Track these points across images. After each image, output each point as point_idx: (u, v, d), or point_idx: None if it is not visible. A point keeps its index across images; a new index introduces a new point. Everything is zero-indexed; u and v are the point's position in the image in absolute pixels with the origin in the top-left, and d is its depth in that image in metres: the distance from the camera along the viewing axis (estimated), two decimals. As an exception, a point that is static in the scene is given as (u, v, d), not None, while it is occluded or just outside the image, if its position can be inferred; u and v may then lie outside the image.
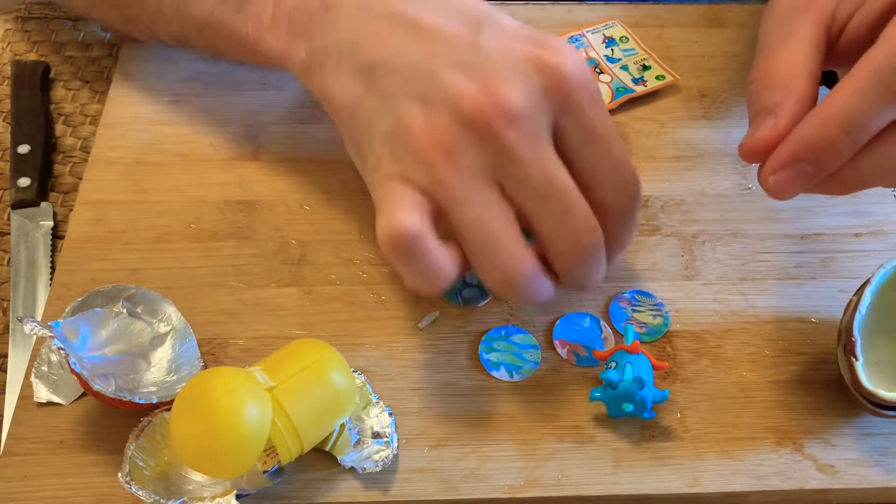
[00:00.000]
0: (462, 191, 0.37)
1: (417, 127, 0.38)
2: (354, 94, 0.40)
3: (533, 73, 0.37)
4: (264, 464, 0.38)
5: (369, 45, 0.40)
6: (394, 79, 0.39)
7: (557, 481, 0.40)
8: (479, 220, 0.37)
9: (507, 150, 0.37)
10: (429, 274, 0.37)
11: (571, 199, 0.38)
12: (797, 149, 0.37)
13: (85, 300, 0.42)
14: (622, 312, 0.46)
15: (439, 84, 0.38)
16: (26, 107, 0.55)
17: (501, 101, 0.37)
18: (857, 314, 0.41)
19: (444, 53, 0.39)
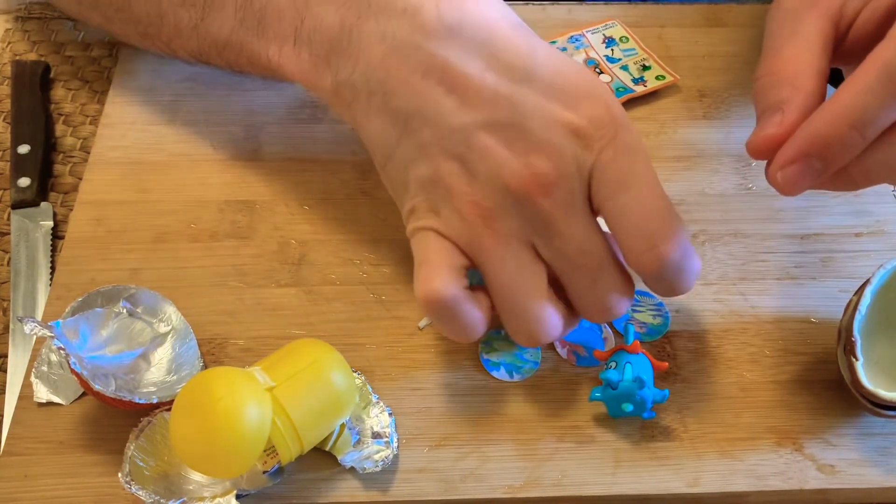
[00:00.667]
0: (497, 253, 0.38)
1: (457, 187, 0.39)
2: (389, 138, 0.40)
3: (567, 138, 0.38)
4: (264, 464, 0.38)
5: (400, 90, 0.39)
6: (429, 131, 0.39)
7: (557, 481, 0.40)
8: (511, 282, 0.39)
9: (543, 218, 0.38)
10: (463, 330, 0.39)
11: (602, 268, 0.39)
12: (806, 144, 0.37)
13: (85, 300, 0.42)
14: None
15: (477, 148, 0.38)
16: (26, 107, 0.55)
17: (538, 173, 0.37)
18: (858, 314, 0.41)
19: (479, 111, 0.38)
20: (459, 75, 0.38)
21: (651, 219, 0.38)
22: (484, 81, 0.38)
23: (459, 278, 0.39)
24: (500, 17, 0.40)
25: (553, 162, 0.38)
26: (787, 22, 0.41)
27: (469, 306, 0.38)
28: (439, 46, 0.39)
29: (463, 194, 0.38)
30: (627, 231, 0.38)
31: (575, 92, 0.38)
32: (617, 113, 0.38)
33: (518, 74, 0.39)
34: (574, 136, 0.38)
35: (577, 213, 0.38)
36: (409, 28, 0.39)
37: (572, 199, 0.38)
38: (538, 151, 0.38)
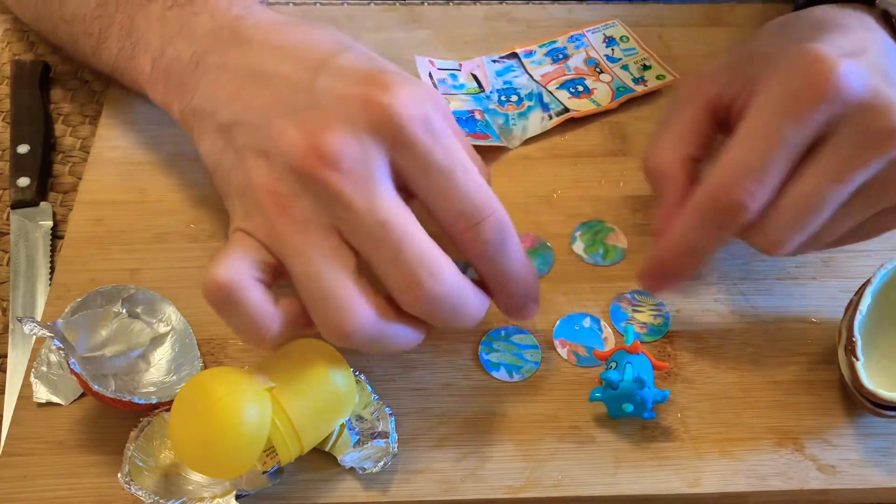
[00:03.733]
0: (295, 242, 0.37)
1: (258, 180, 0.38)
2: (215, 153, 0.41)
3: (359, 112, 0.37)
4: (264, 464, 0.38)
5: (224, 103, 0.41)
6: (244, 134, 0.39)
7: (557, 481, 0.40)
8: (310, 271, 0.37)
9: (334, 195, 0.36)
10: (247, 327, 0.37)
11: (405, 238, 0.37)
12: (656, 264, 0.43)
13: (85, 300, 0.42)
14: (622, 312, 0.46)
15: (274, 135, 0.38)
16: (26, 107, 0.55)
17: (320, 145, 0.36)
18: (858, 314, 0.41)
19: (282, 102, 0.39)
20: (270, 74, 0.40)
21: (471, 200, 0.38)
22: (291, 75, 0.39)
23: (249, 268, 0.37)
24: (323, 36, 0.41)
25: (339, 134, 0.37)
26: (672, 111, 0.46)
27: (256, 295, 0.36)
28: (259, 61, 0.41)
29: (261, 184, 0.38)
30: (446, 214, 0.38)
31: (378, 75, 0.38)
32: (420, 95, 0.38)
33: (322, 67, 0.39)
34: (367, 110, 0.37)
35: (372, 186, 0.37)
36: (240, 54, 0.42)
37: (364, 171, 0.37)
38: (326, 127, 0.37)
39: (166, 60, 0.45)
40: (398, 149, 0.37)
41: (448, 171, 0.37)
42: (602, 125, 0.55)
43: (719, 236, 0.41)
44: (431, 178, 0.37)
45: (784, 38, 0.43)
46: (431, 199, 0.38)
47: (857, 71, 0.39)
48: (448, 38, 0.60)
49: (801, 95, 0.39)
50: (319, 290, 0.37)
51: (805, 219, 0.40)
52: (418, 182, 0.38)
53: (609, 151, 0.54)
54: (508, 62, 0.58)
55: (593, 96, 0.56)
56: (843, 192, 0.39)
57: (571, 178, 0.52)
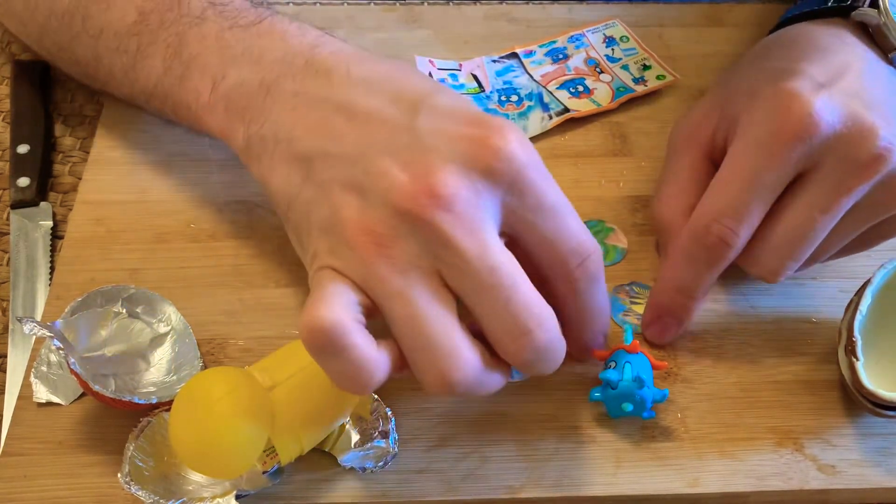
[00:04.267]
0: (395, 284, 0.35)
1: (351, 218, 0.36)
2: (292, 185, 0.39)
3: (472, 155, 0.36)
4: (264, 464, 0.38)
5: (305, 133, 0.39)
6: (330, 168, 0.37)
7: (557, 481, 0.40)
8: (413, 315, 0.35)
9: (442, 237, 0.35)
10: (351, 373, 0.34)
11: (515, 286, 0.35)
12: (654, 309, 0.44)
13: (85, 300, 0.42)
14: (620, 304, 0.46)
15: (373, 172, 0.36)
16: (26, 107, 0.55)
17: (433, 186, 0.35)
18: (858, 314, 0.41)
19: (380, 140, 0.37)
20: (363, 111, 0.38)
21: (575, 238, 0.38)
22: (387, 113, 0.38)
23: (349, 310, 0.34)
24: (408, 72, 0.41)
25: (453, 176, 0.35)
26: (670, 161, 0.47)
27: (360, 340, 0.34)
28: (346, 94, 0.39)
29: (355, 222, 0.36)
30: (558, 252, 0.37)
31: (482, 117, 0.37)
32: (526, 140, 0.37)
33: (423, 105, 0.38)
34: (482, 153, 0.36)
35: (480, 230, 0.35)
36: (321, 85, 0.40)
37: (473, 214, 0.35)
38: (438, 167, 0.35)
39: (228, 84, 0.42)
40: (513, 192, 0.36)
41: (561, 210, 0.37)
42: (602, 125, 0.55)
43: (706, 273, 0.42)
44: (546, 219, 0.37)
45: (762, 69, 0.45)
46: (543, 239, 0.37)
47: (831, 104, 0.40)
48: (448, 38, 0.60)
49: (777, 136, 0.40)
50: (424, 336, 0.35)
51: (797, 248, 0.41)
52: (531, 223, 0.37)
53: (609, 151, 0.54)
54: (508, 62, 0.58)
55: (593, 96, 0.56)
56: (832, 220, 0.41)
57: (571, 178, 0.52)
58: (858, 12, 0.45)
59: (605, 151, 0.54)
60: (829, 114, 0.40)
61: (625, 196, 0.51)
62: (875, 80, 0.43)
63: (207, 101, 0.43)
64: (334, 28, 0.60)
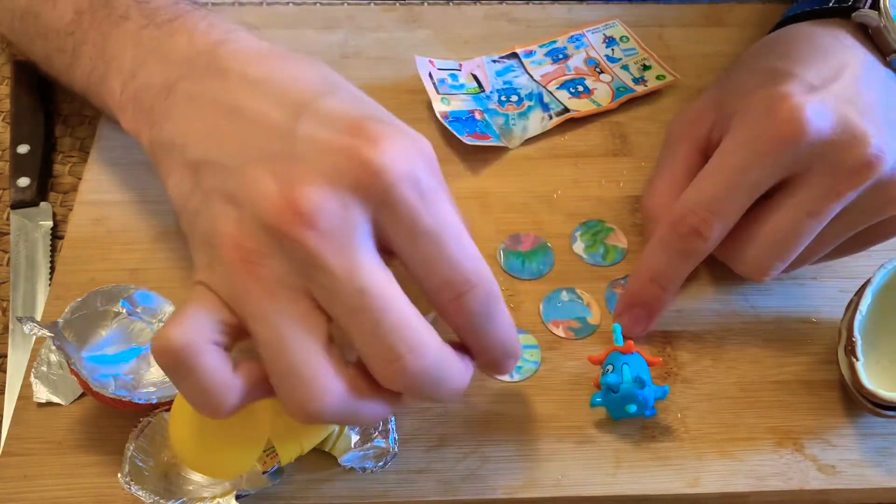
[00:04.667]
0: (262, 305, 0.33)
1: (226, 231, 0.34)
2: (183, 193, 0.37)
3: (342, 167, 0.33)
4: (264, 464, 0.38)
5: (196, 140, 0.37)
6: (213, 177, 0.36)
7: (557, 481, 0.40)
8: (275, 339, 0.33)
9: (309, 257, 0.32)
10: (200, 395, 0.33)
11: (385, 310, 0.33)
12: (627, 299, 0.44)
13: (85, 300, 0.42)
14: (617, 298, 0.46)
15: (246, 182, 0.34)
16: (26, 107, 0.55)
17: (297, 201, 0.32)
18: (858, 314, 0.41)
19: (257, 147, 0.35)
20: (248, 114, 0.36)
21: (459, 269, 0.34)
22: (271, 116, 0.35)
23: (205, 330, 0.33)
24: (309, 73, 0.38)
25: (318, 190, 0.33)
26: (664, 154, 0.48)
27: (212, 362, 0.32)
28: (236, 96, 0.37)
29: (229, 237, 0.34)
30: (430, 282, 0.34)
31: (367, 125, 0.34)
32: (410, 152, 0.34)
33: (304, 110, 0.35)
34: (352, 166, 0.33)
35: (352, 249, 0.33)
36: (216, 87, 0.38)
37: (344, 232, 0.33)
38: (304, 181, 0.33)
39: (137, 85, 0.42)
40: (382, 209, 0.33)
41: (435, 235, 0.34)
42: (602, 125, 0.55)
43: (679, 264, 0.43)
44: (417, 243, 0.34)
45: (758, 70, 0.45)
46: (415, 265, 0.34)
47: (823, 110, 0.40)
48: (448, 38, 0.60)
49: (763, 138, 0.41)
50: (285, 362, 0.33)
51: (783, 250, 0.42)
52: (402, 246, 0.34)
53: (609, 151, 0.54)
54: (508, 62, 0.58)
55: (593, 96, 0.56)
56: (820, 224, 0.41)
57: (571, 178, 0.52)
58: (859, 13, 0.45)
59: (605, 151, 0.54)
60: (819, 119, 0.40)
61: (625, 196, 0.51)
62: (870, 85, 0.43)
63: (118, 102, 0.43)
64: (334, 28, 0.60)
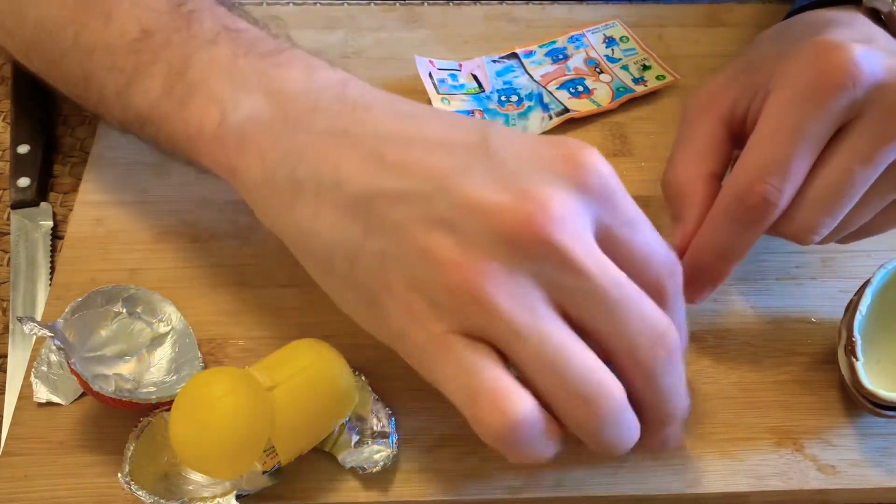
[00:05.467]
0: (524, 323, 0.32)
1: (449, 259, 0.32)
2: (350, 237, 0.34)
3: (564, 171, 0.33)
4: (264, 464, 0.38)
5: (356, 174, 0.34)
6: (401, 207, 0.33)
7: (558, 481, 0.40)
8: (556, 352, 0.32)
9: (561, 259, 0.32)
10: (541, 453, 0.34)
11: (643, 297, 0.34)
12: (690, 273, 0.40)
13: (85, 300, 0.42)
14: None
15: (462, 201, 0.32)
16: (26, 107, 0.55)
17: (544, 204, 0.32)
18: (858, 314, 0.41)
19: (455, 167, 0.33)
20: (419, 141, 0.35)
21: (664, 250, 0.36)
22: (449, 138, 0.35)
23: (519, 386, 0.32)
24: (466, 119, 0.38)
25: (558, 192, 0.33)
26: (684, 128, 0.44)
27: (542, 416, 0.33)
28: (395, 126, 0.36)
29: (457, 265, 0.32)
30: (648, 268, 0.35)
31: (557, 137, 0.35)
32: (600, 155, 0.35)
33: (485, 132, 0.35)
34: (574, 169, 0.33)
35: (593, 248, 0.33)
36: (363, 119, 0.36)
37: (584, 232, 0.33)
38: (535, 188, 0.33)
39: (241, 116, 0.38)
40: (606, 208, 0.34)
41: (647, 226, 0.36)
42: (602, 125, 0.55)
43: (749, 236, 0.40)
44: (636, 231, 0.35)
45: (785, 42, 0.43)
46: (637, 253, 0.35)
47: (873, 54, 0.39)
48: (448, 38, 0.60)
49: (819, 85, 0.38)
50: (572, 372, 0.33)
51: (836, 202, 0.39)
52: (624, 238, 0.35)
53: (609, 151, 0.54)
54: (508, 62, 0.58)
55: (593, 96, 0.56)
56: (873, 173, 0.39)
57: (571, 178, 0.52)
58: None
59: (605, 151, 0.53)
60: (871, 62, 0.38)
61: (625, 196, 0.51)
62: None
63: (214, 133, 0.38)
64: (334, 28, 0.60)
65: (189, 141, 0.39)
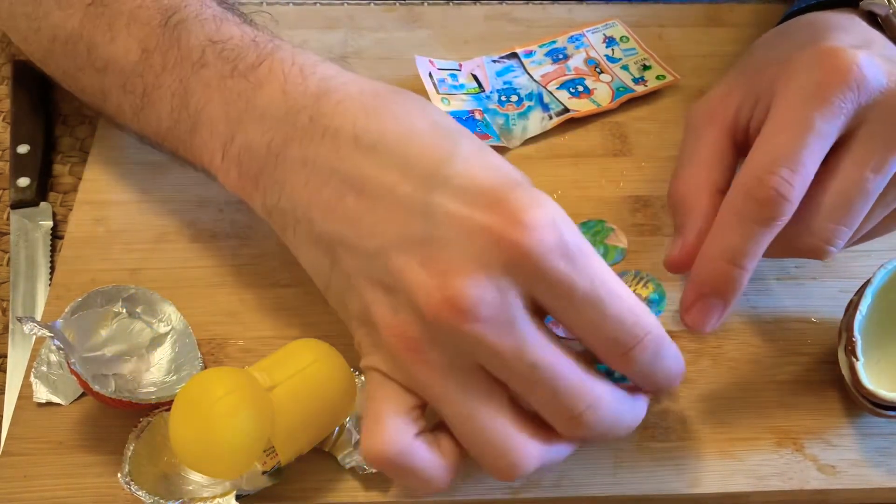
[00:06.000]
0: (441, 387, 0.34)
1: (382, 319, 0.35)
2: (322, 266, 0.38)
3: (493, 251, 0.33)
4: (264, 464, 0.38)
5: (322, 215, 0.37)
6: (352, 259, 0.36)
7: (558, 481, 0.40)
8: (465, 417, 0.35)
9: (476, 344, 0.33)
10: (421, 485, 0.35)
11: (557, 378, 0.34)
12: (698, 288, 0.39)
13: (85, 300, 0.42)
14: None
15: (394, 271, 0.34)
16: (26, 107, 0.55)
17: (457, 297, 0.32)
18: (858, 314, 0.41)
19: (394, 230, 0.35)
20: (374, 187, 0.36)
21: (623, 325, 0.34)
22: (400, 191, 0.35)
23: (407, 425, 0.35)
24: (421, 125, 0.37)
25: (476, 282, 0.33)
26: (688, 140, 0.44)
27: (424, 456, 0.35)
28: (355, 166, 0.36)
29: (388, 327, 0.35)
30: (597, 343, 0.35)
31: (504, 197, 0.34)
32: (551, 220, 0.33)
33: (434, 182, 0.35)
34: (500, 248, 0.33)
35: (516, 329, 0.33)
36: (328, 151, 0.37)
37: (506, 315, 0.33)
38: (454, 269, 0.33)
39: (237, 148, 0.40)
40: (537, 284, 0.33)
41: (594, 299, 0.33)
42: (602, 125, 0.55)
43: (760, 237, 0.38)
44: (577, 311, 0.34)
45: (785, 47, 0.43)
46: (578, 330, 0.34)
47: (874, 60, 0.39)
48: (448, 38, 0.60)
49: (826, 84, 0.38)
50: (479, 435, 0.35)
51: (850, 211, 0.39)
52: (562, 314, 0.34)
53: (609, 151, 0.54)
54: (508, 62, 0.58)
55: (593, 96, 0.56)
56: (884, 179, 0.39)
57: (571, 178, 0.52)
58: (867, 2, 0.45)
59: (605, 151, 0.54)
60: (873, 68, 0.39)
61: (625, 196, 0.51)
62: None
63: (220, 166, 0.41)
64: (335, 28, 0.60)
65: (204, 167, 0.42)
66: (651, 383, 0.36)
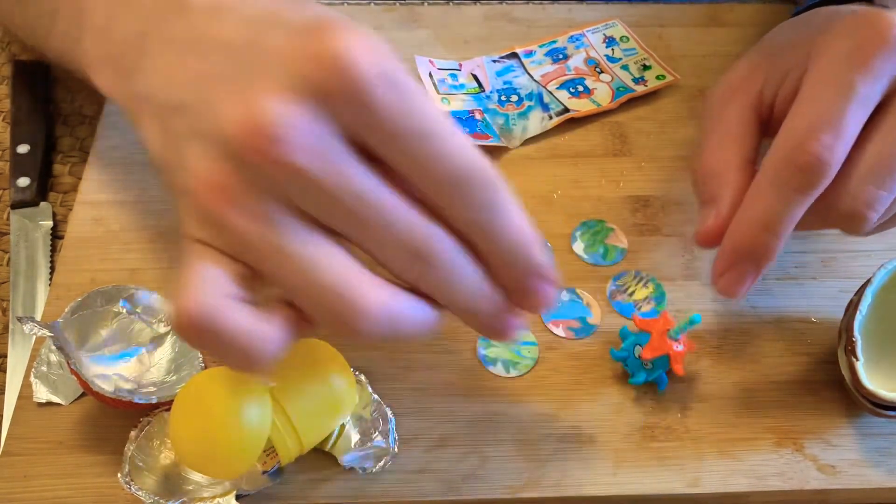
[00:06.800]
0: (263, 240, 0.30)
1: (197, 173, 0.31)
2: (157, 147, 0.34)
3: (306, 71, 0.29)
4: (264, 464, 0.38)
5: (162, 84, 0.33)
6: (178, 118, 0.32)
7: (558, 481, 0.40)
8: (296, 266, 0.30)
9: (293, 176, 0.29)
10: (238, 353, 0.30)
11: (390, 208, 0.30)
12: (732, 253, 0.39)
13: (85, 300, 0.42)
14: (623, 304, 0.46)
15: (204, 112, 0.31)
16: (26, 107, 0.55)
17: (259, 116, 0.29)
18: (858, 314, 0.41)
19: (216, 72, 0.31)
20: (210, 44, 0.32)
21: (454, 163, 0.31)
22: (233, 36, 0.32)
23: (219, 286, 0.30)
24: None
25: (279, 100, 0.29)
26: (714, 112, 0.43)
27: (239, 318, 0.30)
28: (201, 27, 0.33)
29: (202, 179, 0.30)
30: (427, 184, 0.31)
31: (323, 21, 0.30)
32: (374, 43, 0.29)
33: (268, 20, 0.31)
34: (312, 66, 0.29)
35: (336, 157, 0.30)
36: (183, 25, 0.34)
37: (321, 144, 0.29)
38: (262, 97, 0.29)
39: (113, 42, 0.37)
40: (358, 112, 0.29)
41: (423, 134, 0.30)
42: (602, 125, 0.55)
43: (798, 204, 0.37)
44: (404, 147, 0.30)
45: (810, 30, 0.42)
46: (406, 169, 0.31)
47: None
48: (448, 38, 0.60)
49: (866, 48, 0.37)
50: (316, 285, 0.30)
51: (888, 175, 0.38)
52: (387, 151, 0.30)
53: (609, 151, 0.54)
54: (508, 62, 0.58)
55: (593, 96, 0.56)
56: None
57: (571, 178, 0.52)
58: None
59: (605, 151, 0.54)
60: None
61: (625, 196, 0.51)
62: None
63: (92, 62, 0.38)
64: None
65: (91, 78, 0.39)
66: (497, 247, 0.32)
